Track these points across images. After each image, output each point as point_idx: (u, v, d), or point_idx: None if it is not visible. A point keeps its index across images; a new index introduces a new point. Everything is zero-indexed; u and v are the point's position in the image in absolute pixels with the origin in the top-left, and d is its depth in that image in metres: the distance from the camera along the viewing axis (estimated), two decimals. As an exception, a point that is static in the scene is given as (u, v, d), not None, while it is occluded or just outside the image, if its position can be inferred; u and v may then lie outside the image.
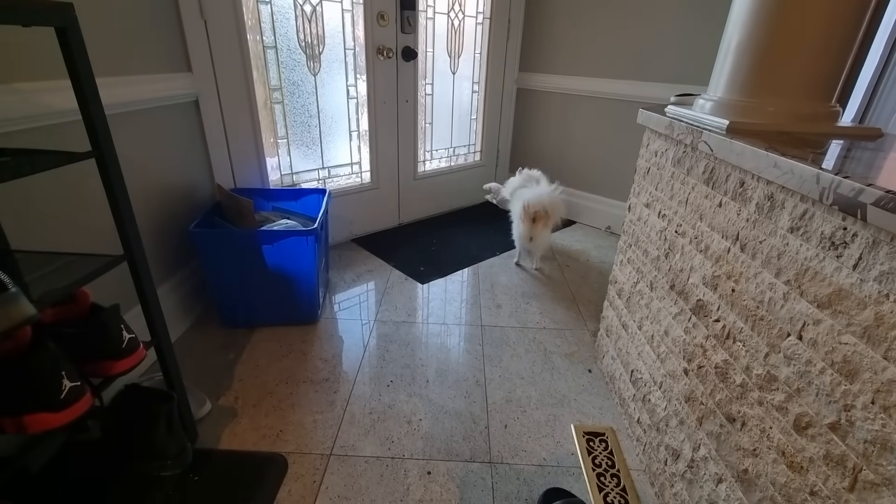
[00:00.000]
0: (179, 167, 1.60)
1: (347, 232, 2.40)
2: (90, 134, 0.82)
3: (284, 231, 1.53)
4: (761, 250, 0.79)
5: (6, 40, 0.98)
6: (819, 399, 0.64)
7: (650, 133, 1.30)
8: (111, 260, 0.88)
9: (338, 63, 2.07)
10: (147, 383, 1.26)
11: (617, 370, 1.39)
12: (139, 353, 0.91)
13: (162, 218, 1.52)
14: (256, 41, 1.78)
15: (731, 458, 0.83)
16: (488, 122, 2.88)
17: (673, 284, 1.09)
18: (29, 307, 0.67)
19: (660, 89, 2.27)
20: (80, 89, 0.78)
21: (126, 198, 0.89)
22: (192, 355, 1.51)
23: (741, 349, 0.83)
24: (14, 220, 0.97)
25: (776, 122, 0.93)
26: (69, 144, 1.11)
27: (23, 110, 1.01)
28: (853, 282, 0.60)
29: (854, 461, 0.58)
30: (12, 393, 0.73)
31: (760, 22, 0.92)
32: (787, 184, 0.70)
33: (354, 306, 1.86)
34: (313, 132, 2.10)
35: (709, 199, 0.96)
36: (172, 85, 1.51)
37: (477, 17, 2.57)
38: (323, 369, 1.48)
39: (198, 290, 1.72)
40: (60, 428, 0.75)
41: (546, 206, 2.00)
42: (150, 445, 0.97)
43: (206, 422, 1.26)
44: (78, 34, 0.76)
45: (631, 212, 1.39)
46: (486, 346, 1.63)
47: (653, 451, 1.13)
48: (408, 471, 1.15)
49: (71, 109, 1.06)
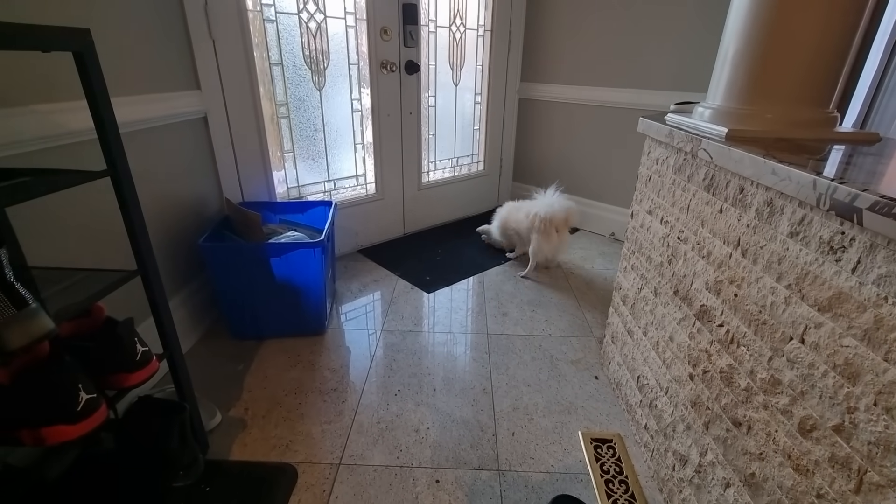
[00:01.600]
0: (188, 182, 1.63)
1: (353, 243, 2.42)
2: (105, 153, 0.84)
3: (292, 244, 1.55)
4: (762, 255, 0.80)
5: (23, 64, 1.01)
6: (822, 402, 0.65)
7: (651, 141, 1.31)
8: (125, 275, 0.90)
9: (342, 77, 2.11)
10: (159, 395, 1.28)
11: (623, 376, 1.40)
12: (153, 366, 0.93)
13: (172, 232, 1.55)
14: (263, 58, 1.83)
15: (738, 462, 0.84)
16: (491, 133, 2.91)
17: (676, 290, 1.10)
18: (48, 322, 0.69)
19: (659, 97, 2.29)
20: (96, 111, 0.81)
21: (140, 214, 0.92)
22: (202, 367, 1.53)
23: (745, 353, 0.83)
24: (28, 237, 0.99)
25: (774, 129, 0.95)
26: (82, 163, 1.15)
27: (40, 131, 1.04)
28: (852, 285, 0.60)
29: (859, 463, 0.59)
30: (30, 405, 0.75)
31: (756, 31, 0.94)
32: (786, 190, 0.72)
33: (361, 316, 1.87)
34: (319, 145, 2.14)
35: (709, 205, 0.98)
36: (182, 103, 1.55)
37: (478, 30, 2.61)
38: (331, 379, 1.49)
39: (207, 302, 1.75)
40: (77, 440, 0.77)
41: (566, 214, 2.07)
42: (163, 457, 0.99)
43: (216, 433, 1.27)
44: (94, 58, 0.79)
45: (634, 219, 1.41)
46: (492, 355, 1.64)
47: (660, 456, 1.13)
48: (416, 479, 1.15)
49: (84, 129, 1.11)
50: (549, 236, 2.08)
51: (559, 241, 2.11)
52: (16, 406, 0.74)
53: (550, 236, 2.08)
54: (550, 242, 2.09)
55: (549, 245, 2.10)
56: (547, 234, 2.07)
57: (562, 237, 2.11)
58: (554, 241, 2.09)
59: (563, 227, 2.09)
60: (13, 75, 1.00)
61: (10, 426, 0.75)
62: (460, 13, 2.49)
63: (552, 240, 2.09)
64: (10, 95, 0.99)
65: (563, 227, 2.09)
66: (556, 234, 2.08)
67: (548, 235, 2.07)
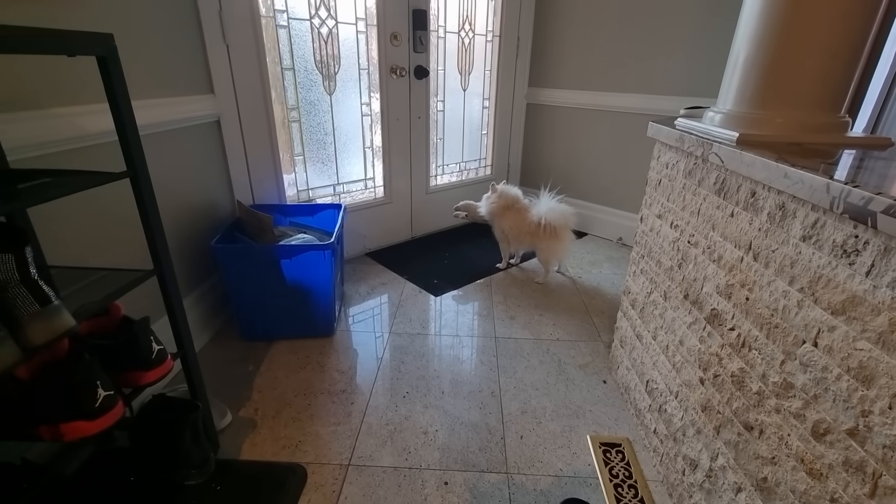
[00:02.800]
0: (201, 184, 1.66)
1: (361, 246, 2.44)
2: (126, 155, 0.86)
3: (303, 246, 1.57)
4: (774, 259, 0.80)
5: (44, 68, 1.04)
6: (836, 405, 0.65)
7: (660, 145, 1.32)
8: (142, 274, 0.92)
9: (352, 82, 2.14)
10: (171, 394, 1.29)
11: (632, 381, 1.39)
12: (167, 364, 0.94)
13: (184, 233, 1.57)
14: (275, 63, 1.85)
15: (750, 466, 0.83)
16: (499, 137, 2.92)
17: (687, 294, 1.10)
18: (70, 319, 0.70)
19: (668, 102, 2.30)
20: (118, 113, 0.83)
21: (157, 215, 0.93)
22: (213, 367, 1.54)
23: (757, 357, 0.83)
24: (44, 236, 1.01)
25: (785, 134, 0.95)
26: (98, 164, 1.17)
27: (60, 133, 1.07)
28: (866, 288, 0.61)
29: (874, 467, 0.59)
30: (50, 402, 0.76)
31: (767, 37, 0.94)
32: (798, 193, 0.72)
33: (369, 319, 1.88)
34: (328, 149, 2.16)
35: (720, 209, 0.98)
36: (196, 107, 1.57)
37: (487, 36, 2.63)
38: (340, 381, 1.50)
39: (217, 303, 1.76)
40: (94, 436, 0.78)
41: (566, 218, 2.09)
42: (176, 455, 1.00)
43: (226, 432, 1.28)
44: (117, 62, 0.81)
45: (643, 223, 1.41)
46: (500, 358, 1.64)
47: (670, 461, 1.13)
48: (425, 481, 1.15)
49: (102, 132, 1.13)
50: (560, 240, 2.10)
51: (568, 243, 2.14)
52: (36, 402, 0.76)
53: (562, 240, 2.10)
54: (563, 244, 2.12)
55: (562, 247, 2.12)
56: (558, 238, 2.09)
57: (568, 239, 2.14)
58: (565, 243, 2.12)
59: (565, 229, 2.11)
60: (34, 79, 1.02)
61: (29, 422, 0.76)
62: (469, 19, 2.51)
63: (564, 243, 2.11)
64: (32, 98, 1.02)
65: (566, 229, 2.11)
66: (565, 237, 2.11)
67: (559, 239, 2.09)
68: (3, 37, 0.61)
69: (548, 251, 2.13)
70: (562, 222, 2.08)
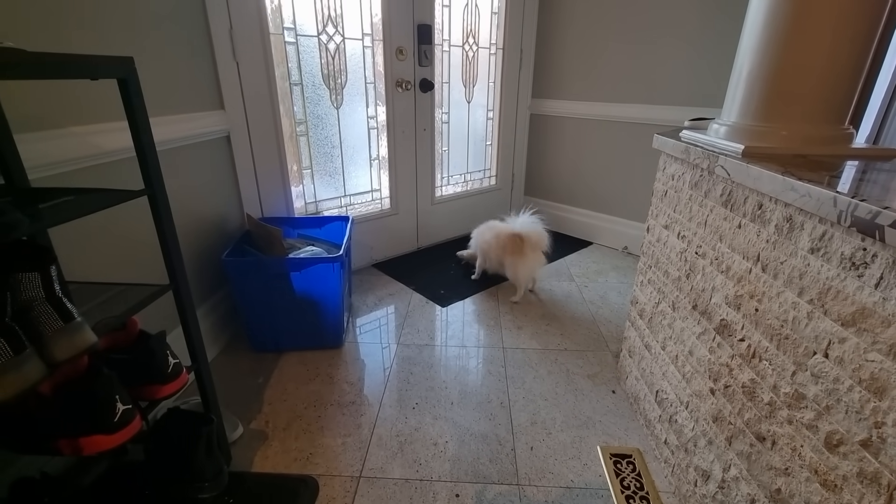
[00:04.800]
0: (211, 198, 1.68)
1: (368, 257, 2.45)
2: (144, 173, 0.88)
3: (312, 258, 1.58)
4: (783, 270, 0.81)
5: (61, 88, 1.07)
6: (849, 416, 0.65)
7: (666, 157, 1.33)
8: (158, 289, 0.94)
9: (359, 96, 2.17)
10: (184, 406, 1.30)
11: (641, 391, 1.39)
12: (183, 378, 0.96)
13: (194, 247, 1.59)
14: (283, 78, 1.89)
15: (763, 477, 0.84)
16: (503, 148, 2.95)
17: (695, 304, 1.11)
18: (92, 335, 0.72)
19: (672, 112, 2.32)
20: (137, 132, 0.85)
21: (173, 231, 0.95)
22: (223, 379, 1.55)
23: (768, 368, 0.84)
24: (61, 252, 1.03)
25: (790, 146, 0.96)
26: (112, 182, 1.19)
27: (77, 152, 1.09)
28: (876, 300, 0.61)
29: (888, 478, 0.59)
30: (70, 416, 0.77)
31: (771, 50, 0.96)
32: (805, 206, 0.73)
33: (377, 330, 1.89)
34: (336, 161, 2.19)
35: (728, 220, 0.99)
36: (207, 122, 1.60)
37: (490, 48, 2.67)
38: (349, 392, 1.51)
39: (227, 316, 1.78)
40: (112, 450, 0.79)
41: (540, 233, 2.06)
42: (190, 468, 1.01)
43: (238, 445, 1.29)
44: (137, 83, 0.83)
45: (650, 233, 1.42)
46: (508, 368, 1.64)
47: (682, 472, 1.13)
48: (436, 493, 1.16)
49: (116, 149, 1.16)
50: (524, 256, 2.05)
51: (535, 261, 2.09)
52: (56, 416, 0.77)
53: (525, 256, 2.05)
54: (526, 262, 2.07)
55: (525, 265, 2.07)
56: (522, 254, 2.05)
57: (536, 257, 2.08)
58: (529, 261, 2.07)
59: (535, 248, 2.06)
60: (52, 99, 1.05)
61: (50, 436, 0.78)
62: (473, 33, 2.55)
63: (528, 260, 2.06)
64: (50, 118, 1.04)
65: (536, 248, 2.06)
66: (531, 254, 2.06)
67: (523, 255, 2.05)
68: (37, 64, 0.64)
69: (512, 267, 2.09)
70: (533, 240, 2.04)
